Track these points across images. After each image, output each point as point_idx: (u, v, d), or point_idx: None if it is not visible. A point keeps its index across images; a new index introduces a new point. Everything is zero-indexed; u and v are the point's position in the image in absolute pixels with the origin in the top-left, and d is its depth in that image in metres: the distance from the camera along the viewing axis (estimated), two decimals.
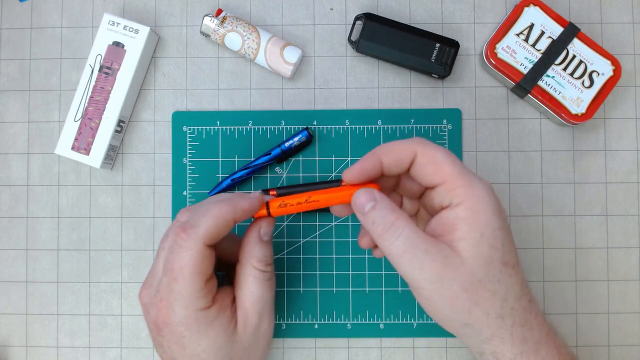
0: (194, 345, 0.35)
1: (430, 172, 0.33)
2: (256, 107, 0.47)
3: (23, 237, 0.47)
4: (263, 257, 0.37)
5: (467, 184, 0.32)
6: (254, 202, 0.36)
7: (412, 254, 0.31)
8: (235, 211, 0.35)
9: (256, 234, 0.37)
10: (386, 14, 0.47)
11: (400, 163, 0.34)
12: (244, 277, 0.37)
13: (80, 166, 0.47)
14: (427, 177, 0.33)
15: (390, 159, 0.34)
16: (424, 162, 0.33)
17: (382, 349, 0.46)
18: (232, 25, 0.45)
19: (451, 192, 0.32)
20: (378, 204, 0.33)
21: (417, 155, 0.33)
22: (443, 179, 0.33)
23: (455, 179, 0.32)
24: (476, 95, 0.47)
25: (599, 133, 0.47)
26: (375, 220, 0.32)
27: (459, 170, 0.32)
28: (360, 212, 0.33)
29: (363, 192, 0.34)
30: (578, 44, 0.45)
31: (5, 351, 0.47)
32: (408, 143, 0.34)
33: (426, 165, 0.33)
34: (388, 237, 0.32)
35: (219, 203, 0.36)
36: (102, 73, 0.45)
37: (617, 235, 0.46)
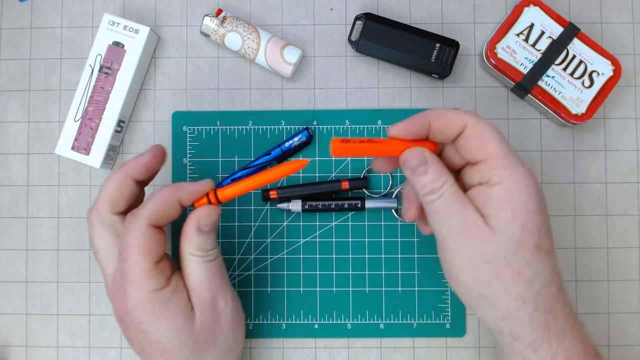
0: (153, 330, 0.35)
1: (475, 147, 0.33)
2: (256, 107, 0.47)
3: (23, 237, 0.47)
4: (201, 246, 0.36)
5: (509, 165, 0.32)
6: (199, 186, 0.37)
7: (446, 214, 0.33)
8: (178, 192, 0.36)
9: (194, 226, 0.36)
10: (386, 14, 0.47)
11: (448, 131, 0.34)
12: (184, 262, 0.37)
13: (80, 166, 0.47)
14: (471, 152, 0.33)
15: (440, 124, 0.34)
16: (471, 135, 0.33)
17: (382, 349, 0.46)
18: (232, 25, 0.45)
19: (491, 171, 0.32)
20: (430, 168, 0.33)
21: (466, 127, 0.33)
22: (486, 157, 0.33)
23: (498, 158, 0.32)
24: (476, 95, 0.47)
25: (599, 133, 0.47)
26: (425, 184, 0.33)
27: (503, 150, 0.33)
28: (410, 172, 0.34)
29: (415, 154, 0.34)
30: (578, 44, 0.45)
31: (5, 351, 0.47)
32: (461, 113, 0.34)
33: (473, 139, 0.33)
34: (431, 196, 0.33)
35: (165, 186, 0.36)
36: (102, 73, 0.45)
37: (617, 235, 0.46)
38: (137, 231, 0.35)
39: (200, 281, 0.37)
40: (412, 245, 0.46)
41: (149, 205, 0.35)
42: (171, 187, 0.36)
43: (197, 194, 0.37)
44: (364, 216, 0.46)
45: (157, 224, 0.35)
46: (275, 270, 0.46)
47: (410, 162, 0.34)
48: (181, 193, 0.36)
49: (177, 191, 0.36)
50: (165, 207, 0.36)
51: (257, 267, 0.46)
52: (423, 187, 0.33)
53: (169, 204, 0.36)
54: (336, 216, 0.46)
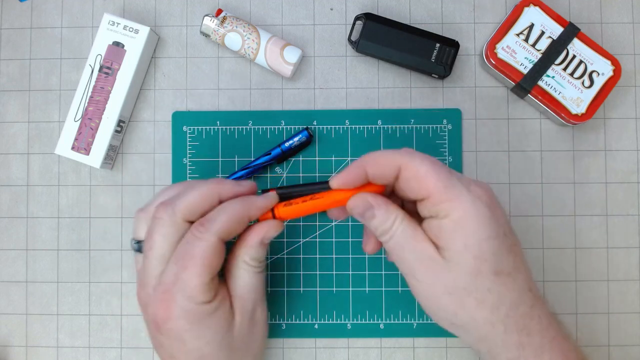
0: (194, 338, 0.35)
1: (414, 187, 0.33)
2: (256, 107, 0.47)
3: (23, 237, 0.47)
4: (258, 257, 0.37)
5: (452, 197, 0.32)
6: (268, 201, 0.37)
7: (400, 251, 0.33)
8: (250, 209, 0.36)
9: (259, 237, 0.37)
10: (386, 14, 0.47)
11: (384, 176, 0.34)
12: (236, 269, 0.37)
13: (80, 166, 0.47)
14: (412, 192, 0.33)
15: (375, 170, 0.34)
16: (407, 176, 0.33)
17: (382, 349, 0.46)
18: (232, 25, 0.45)
19: (437, 206, 0.32)
20: (376, 211, 0.34)
21: (400, 169, 0.33)
22: (428, 193, 0.33)
23: (440, 193, 0.32)
24: (476, 95, 0.47)
25: (599, 133, 0.47)
26: (376, 226, 0.34)
27: (443, 184, 0.32)
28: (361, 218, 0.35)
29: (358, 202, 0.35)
30: (578, 44, 0.45)
31: (5, 351, 0.47)
32: (393, 156, 0.34)
33: (410, 180, 0.33)
34: (385, 237, 0.34)
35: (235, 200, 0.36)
36: (102, 73, 0.45)
37: (617, 235, 0.46)
38: (206, 243, 0.34)
39: (248, 290, 0.37)
40: None
41: (222, 220, 0.35)
42: (243, 204, 0.36)
43: (267, 209, 0.37)
44: None
45: (226, 238, 0.36)
46: (275, 270, 0.46)
47: (356, 210, 0.35)
48: (253, 210, 0.36)
49: (249, 208, 0.36)
50: (237, 224, 0.36)
51: None
52: (375, 229, 0.34)
53: (241, 220, 0.36)
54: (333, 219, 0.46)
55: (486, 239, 0.32)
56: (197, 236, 0.35)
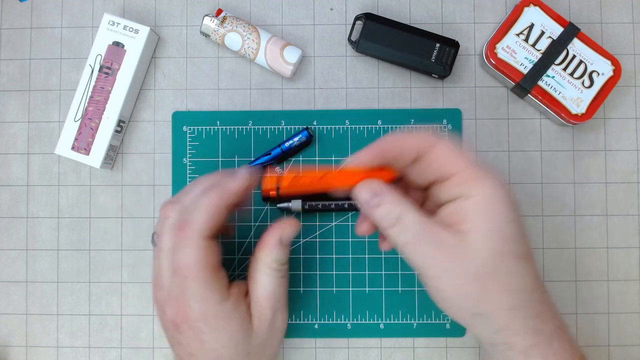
0: (212, 340, 0.35)
1: (441, 166, 0.32)
2: (256, 107, 0.47)
3: (23, 237, 0.47)
4: (279, 259, 0.37)
5: (480, 176, 0.32)
6: (242, 182, 0.36)
7: (418, 246, 0.32)
8: (226, 198, 0.35)
9: (277, 237, 0.37)
10: (386, 14, 0.47)
11: (406, 156, 0.33)
12: (258, 273, 0.37)
13: (80, 166, 0.47)
14: (438, 170, 0.33)
15: (398, 150, 0.33)
16: (433, 156, 0.33)
17: (382, 349, 0.46)
18: (232, 25, 0.45)
19: (462, 185, 0.32)
20: (383, 199, 0.32)
21: (427, 147, 0.33)
22: (454, 171, 0.32)
23: (468, 171, 0.32)
24: (476, 95, 0.47)
25: (599, 133, 0.47)
26: (382, 216, 0.33)
27: (469, 163, 0.32)
28: (365, 206, 0.33)
29: (365, 187, 0.33)
30: (578, 44, 0.45)
31: (5, 351, 0.47)
32: (417, 135, 0.33)
33: (436, 159, 0.33)
34: (394, 231, 0.32)
35: (207, 193, 0.35)
36: (102, 73, 0.45)
37: (617, 235, 0.46)
38: (194, 247, 0.34)
39: (267, 296, 0.37)
40: None
41: (200, 219, 0.35)
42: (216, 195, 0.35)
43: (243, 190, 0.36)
44: None
45: (210, 235, 0.35)
46: None
47: (361, 195, 0.33)
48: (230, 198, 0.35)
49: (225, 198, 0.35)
50: (217, 218, 0.35)
51: None
52: (381, 219, 0.33)
53: (219, 211, 0.35)
54: (336, 216, 0.46)
55: (510, 221, 0.32)
56: (182, 244, 0.34)
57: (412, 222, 0.32)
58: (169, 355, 0.46)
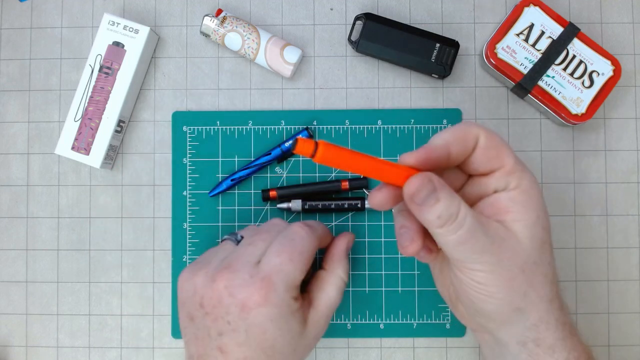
0: (275, 329, 0.35)
1: (492, 156, 0.32)
2: (256, 107, 0.47)
3: (23, 237, 0.47)
4: (347, 270, 0.40)
5: (523, 168, 0.32)
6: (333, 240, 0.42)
7: (474, 240, 0.30)
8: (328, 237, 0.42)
9: (345, 247, 0.40)
10: (386, 14, 0.47)
11: (466, 150, 0.32)
12: (327, 283, 0.39)
13: (80, 166, 0.47)
14: (488, 162, 0.32)
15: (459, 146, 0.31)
16: (487, 145, 0.32)
17: (382, 349, 0.46)
18: (232, 25, 0.45)
19: (509, 176, 0.32)
20: (441, 195, 0.29)
21: (479, 138, 0.32)
22: (502, 164, 0.32)
23: (514, 162, 0.32)
24: (476, 95, 0.47)
25: (599, 133, 0.47)
26: (440, 214, 0.29)
27: (514, 155, 0.32)
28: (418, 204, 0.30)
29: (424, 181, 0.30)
30: (578, 44, 0.45)
31: (5, 351, 0.47)
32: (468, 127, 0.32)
33: (489, 149, 0.32)
34: (452, 228, 0.30)
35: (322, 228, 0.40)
36: (102, 73, 0.45)
37: (617, 235, 0.46)
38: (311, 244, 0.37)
39: (329, 306, 0.38)
40: None
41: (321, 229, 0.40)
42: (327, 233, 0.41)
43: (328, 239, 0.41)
44: (364, 216, 0.46)
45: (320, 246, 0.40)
46: None
47: (420, 192, 0.30)
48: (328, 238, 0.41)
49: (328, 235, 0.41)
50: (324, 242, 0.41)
51: None
52: (438, 217, 0.29)
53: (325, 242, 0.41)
54: (336, 216, 0.46)
55: (546, 212, 0.32)
56: (303, 235, 0.37)
57: (469, 216, 0.30)
58: (169, 355, 0.46)
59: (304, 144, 0.28)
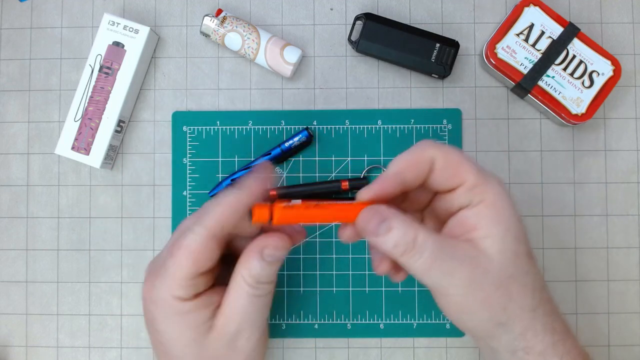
0: (162, 330, 0.34)
1: (450, 175, 0.32)
2: (256, 107, 0.47)
3: (23, 237, 0.47)
4: (257, 276, 0.33)
5: (485, 180, 0.31)
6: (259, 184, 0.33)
7: (440, 265, 0.30)
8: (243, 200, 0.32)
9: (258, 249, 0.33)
10: (386, 14, 0.47)
11: (421, 174, 0.32)
12: (231, 283, 0.34)
13: (80, 166, 0.47)
14: (446, 181, 0.32)
15: (414, 172, 0.31)
16: (443, 166, 0.32)
17: (382, 349, 0.46)
18: (232, 25, 0.45)
19: (471, 192, 0.31)
20: (393, 223, 0.30)
21: (436, 160, 0.32)
22: (462, 180, 0.32)
23: (476, 177, 0.31)
24: (476, 95, 0.47)
25: (599, 133, 0.47)
26: (397, 242, 0.30)
27: (476, 169, 0.32)
28: (373, 236, 0.30)
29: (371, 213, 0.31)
30: (578, 44, 0.45)
31: (5, 351, 0.47)
32: (423, 151, 0.32)
33: (446, 169, 0.32)
34: (413, 256, 0.30)
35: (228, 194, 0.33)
36: (102, 73, 0.45)
37: (617, 235, 0.46)
38: (195, 236, 0.32)
39: (235, 312, 0.34)
40: None
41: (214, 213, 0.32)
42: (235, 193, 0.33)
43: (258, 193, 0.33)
44: None
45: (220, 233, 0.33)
46: None
47: (369, 224, 0.30)
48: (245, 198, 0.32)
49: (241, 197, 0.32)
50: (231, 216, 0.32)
51: None
52: (395, 246, 0.30)
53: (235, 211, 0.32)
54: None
55: (518, 220, 0.32)
56: (190, 228, 0.33)
57: (429, 241, 0.30)
58: None
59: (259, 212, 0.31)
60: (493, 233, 0.31)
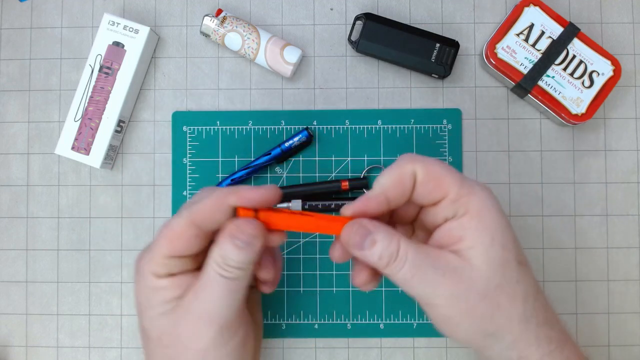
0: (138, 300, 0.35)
1: (432, 188, 0.32)
2: (256, 107, 0.47)
3: (23, 237, 0.47)
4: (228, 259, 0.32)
5: (469, 191, 0.31)
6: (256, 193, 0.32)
7: (421, 275, 0.30)
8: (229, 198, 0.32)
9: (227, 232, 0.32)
10: (386, 14, 0.47)
11: (405, 191, 0.32)
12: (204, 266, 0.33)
13: (80, 166, 0.47)
14: (429, 195, 0.32)
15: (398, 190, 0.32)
16: (425, 179, 0.32)
17: (382, 349, 0.46)
18: (232, 25, 0.45)
19: (455, 204, 0.31)
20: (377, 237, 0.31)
21: (417, 174, 0.32)
22: (445, 193, 0.31)
23: (458, 188, 0.31)
24: (476, 95, 0.47)
25: (599, 133, 0.47)
26: (380, 254, 0.30)
27: (459, 180, 0.31)
28: (358, 249, 0.31)
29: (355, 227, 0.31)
30: (578, 44, 0.45)
31: (5, 351, 0.47)
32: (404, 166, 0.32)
33: (427, 183, 0.32)
34: (395, 266, 0.30)
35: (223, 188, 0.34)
36: (102, 73, 0.45)
37: (617, 235, 0.46)
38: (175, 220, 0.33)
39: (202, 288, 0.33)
40: None
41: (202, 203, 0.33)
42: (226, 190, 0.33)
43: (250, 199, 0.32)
44: None
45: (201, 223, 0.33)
46: None
47: (353, 238, 0.31)
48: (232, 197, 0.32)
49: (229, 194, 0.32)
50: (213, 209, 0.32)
51: None
52: (379, 258, 0.30)
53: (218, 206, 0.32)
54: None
55: (505, 227, 0.31)
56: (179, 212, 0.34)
57: (412, 252, 0.30)
58: None
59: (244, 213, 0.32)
60: (478, 243, 0.31)
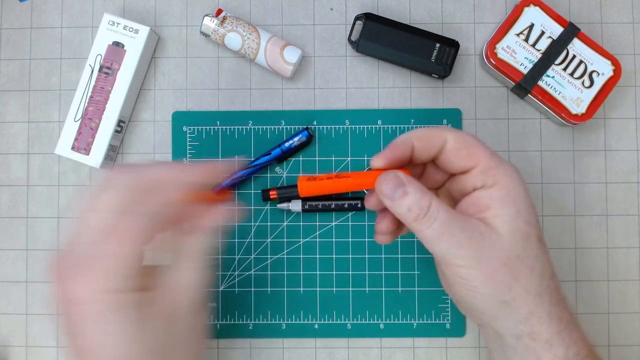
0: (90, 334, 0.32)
1: (464, 156, 0.33)
2: (256, 107, 0.47)
3: (23, 237, 0.47)
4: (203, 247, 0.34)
5: (499, 164, 0.33)
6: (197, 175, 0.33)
7: (449, 234, 0.31)
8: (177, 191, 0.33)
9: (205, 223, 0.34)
10: (386, 14, 0.47)
11: (431, 149, 0.34)
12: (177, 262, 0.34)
13: (80, 166, 0.47)
14: (460, 162, 0.33)
15: (423, 143, 0.33)
16: (457, 146, 0.33)
17: (382, 349, 0.46)
18: (232, 25, 0.45)
19: (485, 174, 0.33)
20: (409, 189, 0.32)
21: (448, 141, 0.33)
22: (476, 162, 0.33)
23: (489, 160, 0.33)
24: (476, 95, 0.47)
25: (599, 133, 0.47)
26: (410, 206, 0.31)
27: (489, 152, 0.33)
28: (388, 199, 0.32)
29: (389, 177, 0.32)
30: (578, 44, 0.45)
31: (5, 351, 0.47)
32: (437, 129, 0.34)
33: (460, 150, 0.33)
34: (425, 222, 0.31)
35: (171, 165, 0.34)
36: (102, 73, 0.45)
37: (617, 235, 0.46)
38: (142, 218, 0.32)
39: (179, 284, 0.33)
40: (412, 245, 0.46)
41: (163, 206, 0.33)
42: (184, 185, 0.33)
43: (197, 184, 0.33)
44: (364, 216, 0.46)
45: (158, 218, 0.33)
46: (275, 270, 0.46)
47: (386, 187, 0.32)
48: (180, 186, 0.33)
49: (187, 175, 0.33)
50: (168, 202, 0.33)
51: (257, 267, 0.46)
52: (409, 210, 0.31)
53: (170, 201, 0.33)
54: (336, 216, 0.46)
55: (530, 205, 0.33)
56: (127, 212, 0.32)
57: (443, 211, 0.31)
58: None
59: None
60: (504, 213, 0.32)
